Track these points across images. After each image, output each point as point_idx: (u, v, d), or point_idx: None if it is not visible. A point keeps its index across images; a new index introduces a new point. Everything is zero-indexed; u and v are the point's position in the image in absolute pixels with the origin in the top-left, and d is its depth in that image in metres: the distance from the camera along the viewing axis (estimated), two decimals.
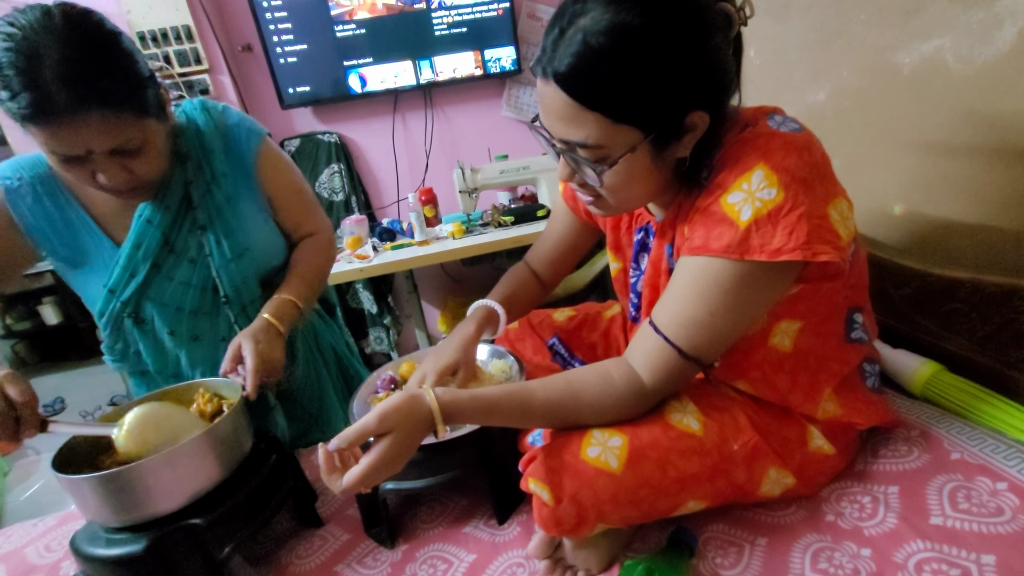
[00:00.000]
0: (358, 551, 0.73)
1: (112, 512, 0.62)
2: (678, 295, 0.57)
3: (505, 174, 1.81)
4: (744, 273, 0.53)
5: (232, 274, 0.88)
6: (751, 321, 0.58)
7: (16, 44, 0.62)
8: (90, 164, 0.70)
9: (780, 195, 0.50)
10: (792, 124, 0.55)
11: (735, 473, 0.59)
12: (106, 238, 0.84)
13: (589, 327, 0.96)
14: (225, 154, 0.87)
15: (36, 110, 0.62)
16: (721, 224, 0.53)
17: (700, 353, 0.57)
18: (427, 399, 0.56)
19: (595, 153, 0.54)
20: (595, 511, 0.55)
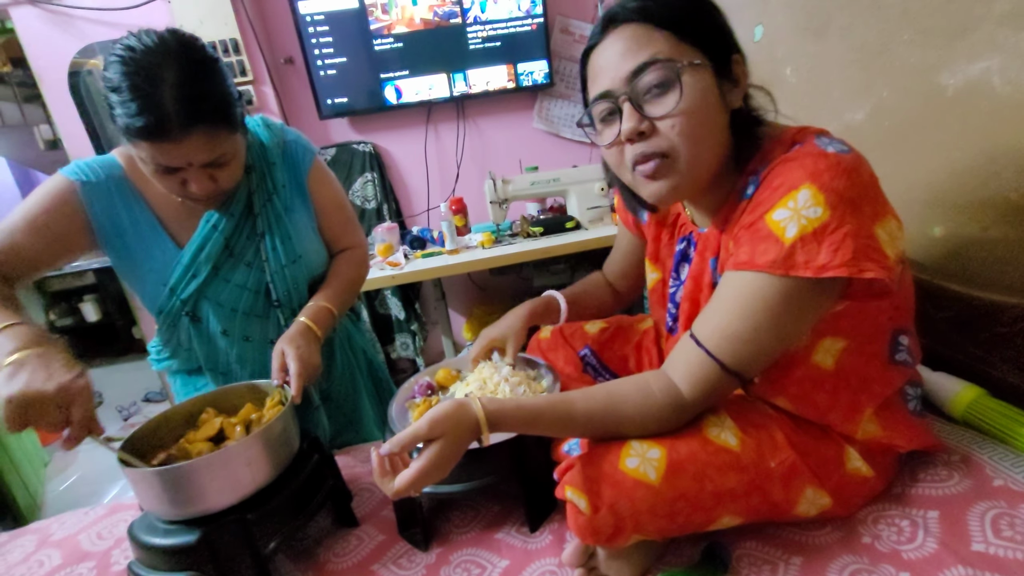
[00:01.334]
0: (393, 552, 0.75)
1: (169, 505, 0.65)
2: (722, 309, 0.58)
3: (535, 186, 1.83)
4: (789, 289, 0.54)
5: (284, 279, 0.93)
6: (794, 338, 0.59)
7: (136, 67, 0.68)
8: (182, 174, 0.76)
9: (826, 214, 0.51)
10: (840, 145, 0.56)
11: (771, 491, 0.59)
12: (169, 240, 0.89)
13: (622, 339, 0.97)
14: (283, 168, 0.94)
15: (153, 129, 0.69)
16: (766, 240, 0.54)
17: (742, 368, 0.58)
18: (474, 408, 0.59)
19: (668, 66, 0.56)
20: (632, 521, 0.56)
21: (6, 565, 0.86)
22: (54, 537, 0.90)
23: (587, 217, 1.88)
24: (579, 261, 2.08)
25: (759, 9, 1.29)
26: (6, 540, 0.93)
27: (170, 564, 0.65)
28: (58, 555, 0.86)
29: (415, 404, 0.83)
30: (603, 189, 1.85)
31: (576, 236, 1.84)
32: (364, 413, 1.07)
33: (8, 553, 0.89)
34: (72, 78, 2.04)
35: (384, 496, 0.86)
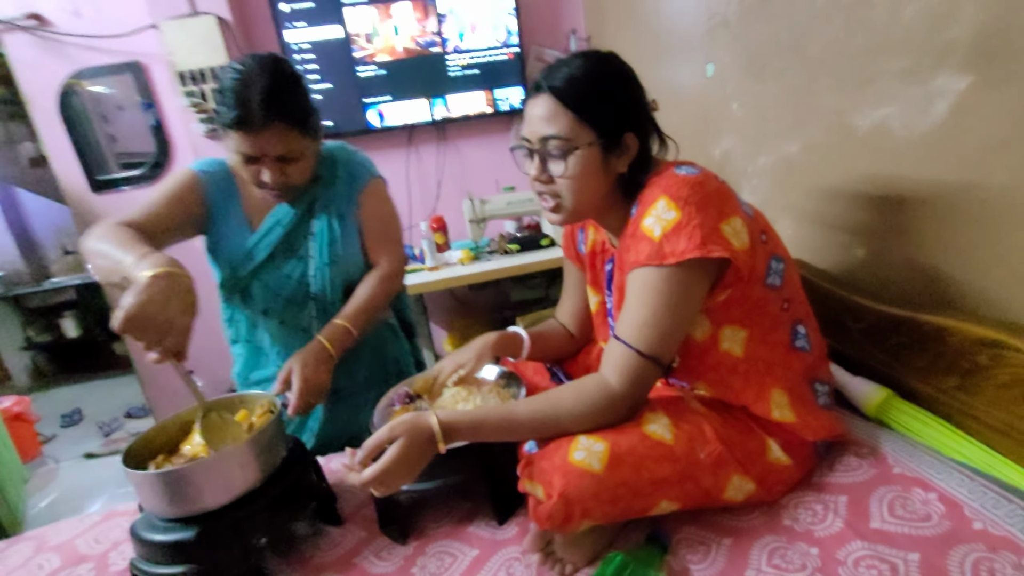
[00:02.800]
0: (374, 546, 0.82)
1: (169, 505, 0.72)
2: (628, 305, 0.72)
3: (512, 205, 1.93)
4: (667, 276, 0.68)
5: (323, 276, 1.07)
6: (688, 316, 0.71)
7: (240, 75, 0.89)
8: (260, 164, 0.93)
9: (678, 215, 0.68)
10: (692, 169, 0.73)
11: (702, 478, 0.69)
12: (246, 227, 1.07)
13: (585, 352, 1.07)
14: (344, 182, 1.10)
15: (240, 120, 0.88)
16: (643, 242, 0.70)
17: (655, 351, 0.69)
18: (430, 420, 0.68)
19: (564, 144, 0.72)
20: (580, 507, 0.65)
21: (6, 570, 0.91)
22: (51, 543, 0.96)
23: (561, 234, 1.98)
24: (554, 276, 2.18)
25: (710, 49, 1.42)
26: (3, 547, 0.98)
27: (169, 559, 0.72)
28: (57, 558, 0.91)
29: (395, 411, 0.91)
30: None
31: (551, 253, 1.94)
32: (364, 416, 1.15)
33: (7, 559, 0.94)
34: (63, 99, 2.09)
35: (366, 496, 0.94)
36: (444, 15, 2.14)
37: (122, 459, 0.73)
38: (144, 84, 2.11)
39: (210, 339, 1.18)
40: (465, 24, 2.17)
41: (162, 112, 2.16)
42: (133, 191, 2.23)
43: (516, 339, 0.97)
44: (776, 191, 1.22)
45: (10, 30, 1.99)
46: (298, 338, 1.08)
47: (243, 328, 1.12)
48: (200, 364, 2.41)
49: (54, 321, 3.85)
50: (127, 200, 2.22)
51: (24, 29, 1.99)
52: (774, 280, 0.75)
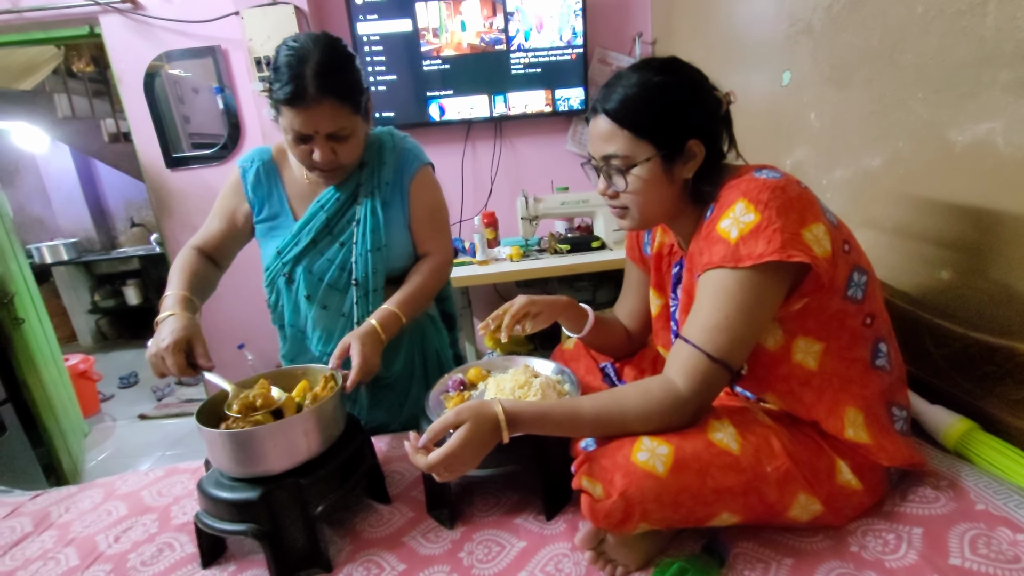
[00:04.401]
0: (422, 527, 0.84)
1: (235, 463, 0.75)
2: (699, 307, 0.70)
3: (565, 205, 1.93)
4: (742, 278, 0.66)
5: (366, 263, 1.07)
6: (760, 323, 0.69)
7: (294, 51, 0.90)
8: (311, 144, 0.95)
9: (758, 217, 0.66)
10: (773, 173, 0.70)
11: (767, 492, 0.66)
12: (291, 214, 1.09)
13: (639, 356, 1.05)
14: (392, 168, 1.09)
15: (294, 95, 0.88)
16: (718, 244, 0.68)
17: (724, 355, 0.67)
18: (495, 408, 0.68)
19: (623, 161, 0.74)
20: (640, 509, 0.64)
21: (78, 511, 0.97)
22: (119, 492, 1.02)
23: (612, 238, 1.97)
24: (602, 280, 2.16)
25: (789, 57, 1.38)
26: (76, 491, 1.05)
27: (233, 516, 0.75)
28: (124, 507, 0.96)
29: (449, 397, 0.92)
30: None
31: (601, 256, 1.92)
32: (416, 406, 1.18)
33: (79, 502, 1.00)
34: (147, 79, 2.22)
35: (413, 478, 0.95)
36: (512, 13, 2.15)
37: (196, 415, 0.77)
38: (221, 68, 2.21)
39: (262, 318, 1.22)
40: (531, 22, 2.18)
41: (236, 96, 2.26)
42: (201, 169, 2.34)
43: (582, 314, 0.98)
44: (853, 205, 1.16)
45: (107, 12, 2.13)
46: (339, 324, 1.09)
47: (287, 313, 1.13)
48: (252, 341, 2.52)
49: (118, 288, 4.09)
50: (196, 177, 2.34)
51: (120, 11, 2.13)
52: (855, 293, 0.72)
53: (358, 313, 1.08)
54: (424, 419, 0.88)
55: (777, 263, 0.65)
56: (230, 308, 2.43)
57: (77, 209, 4.03)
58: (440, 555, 0.77)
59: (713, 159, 0.75)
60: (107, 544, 0.87)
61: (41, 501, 1.02)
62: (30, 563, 0.85)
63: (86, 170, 4.03)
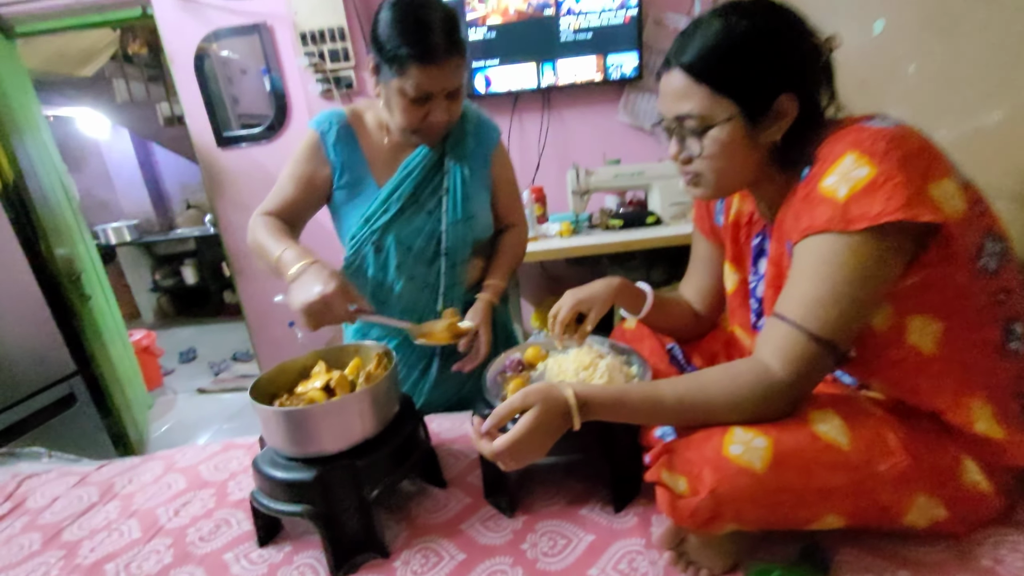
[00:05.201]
0: (480, 514, 0.79)
1: (291, 443, 0.72)
2: (798, 280, 0.60)
3: (619, 178, 1.82)
4: (852, 244, 0.56)
5: (456, 233, 1.06)
6: (875, 296, 0.58)
7: (410, 9, 0.86)
8: (428, 105, 0.92)
9: (873, 171, 0.55)
10: (887, 121, 0.59)
11: (881, 494, 0.57)
12: (373, 179, 1.05)
13: (711, 336, 0.96)
14: (474, 138, 1.08)
15: (425, 54, 0.85)
16: (822, 205, 0.58)
17: (831, 334, 0.57)
18: (565, 392, 0.62)
19: (698, 122, 0.65)
20: (732, 508, 0.56)
21: (140, 483, 0.98)
22: (178, 465, 1.02)
23: (669, 213, 1.85)
24: (656, 258, 2.05)
25: (882, 3, 1.22)
26: (139, 463, 1.06)
27: (287, 496, 0.72)
28: (183, 480, 0.97)
29: (508, 378, 0.86)
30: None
31: (656, 231, 1.81)
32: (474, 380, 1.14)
33: (141, 474, 1.01)
34: (197, 61, 2.24)
35: (469, 462, 0.91)
36: None
37: (249, 392, 0.74)
38: (267, 45, 2.20)
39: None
40: None
41: (283, 73, 2.25)
42: (250, 148, 2.36)
43: (640, 294, 0.90)
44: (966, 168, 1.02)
45: None
46: (424, 295, 1.07)
47: (368, 283, 1.09)
48: None
49: (177, 268, 4.27)
50: (244, 156, 2.36)
51: None
52: (988, 263, 0.60)
53: (444, 284, 1.07)
54: (481, 401, 0.82)
55: (898, 224, 0.54)
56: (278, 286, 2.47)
57: (137, 192, 4.21)
58: (501, 545, 0.72)
59: (808, 117, 0.64)
60: (167, 518, 0.87)
61: (106, 472, 1.05)
62: (96, 533, 0.86)
63: (144, 155, 4.18)
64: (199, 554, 0.78)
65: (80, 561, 0.80)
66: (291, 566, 0.74)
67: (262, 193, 1.03)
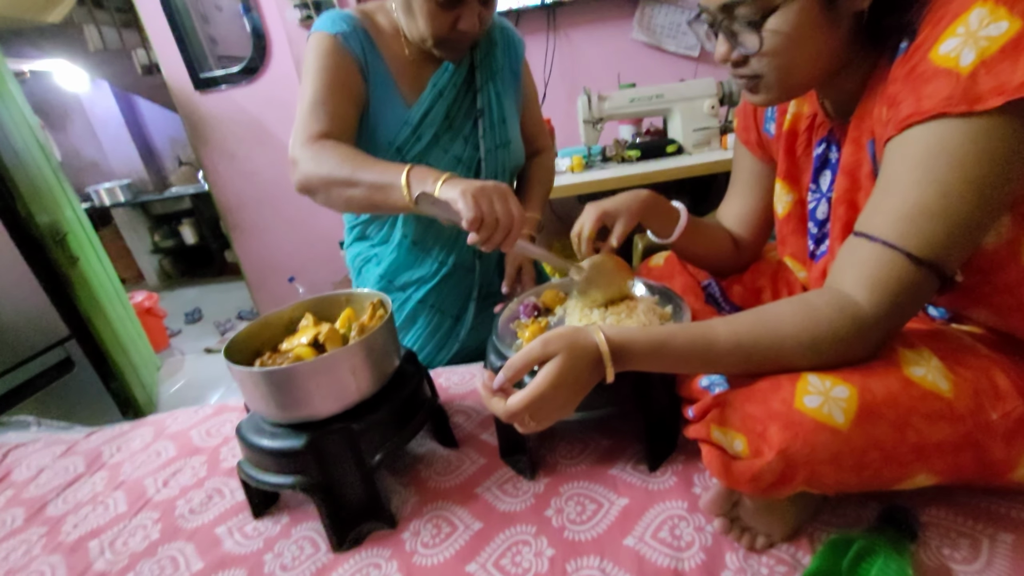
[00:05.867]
0: (497, 476, 0.70)
1: (275, 407, 0.62)
2: (893, 187, 0.47)
3: (635, 103, 1.64)
4: (977, 130, 0.43)
5: (496, 160, 0.95)
6: (997, 200, 0.45)
7: None
8: (459, 8, 0.80)
9: (1016, 24, 0.41)
10: None
11: (991, 447, 0.46)
12: (399, 97, 0.89)
13: (754, 270, 0.84)
14: (504, 50, 0.96)
15: None
16: (935, 79, 0.44)
17: (936, 254, 0.45)
18: (595, 337, 0.50)
19: (756, 7, 0.50)
20: (806, 470, 0.46)
21: (129, 451, 0.91)
22: (168, 431, 0.94)
23: (692, 140, 1.68)
24: (678, 191, 1.89)
25: None
26: (128, 429, 0.99)
27: (277, 467, 0.64)
28: (173, 447, 0.89)
29: (523, 324, 0.75)
30: (713, 107, 1.63)
31: (678, 161, 1.65)
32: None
33: (130, 441, 0.94)
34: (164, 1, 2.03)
35: (483, 419, 0.82)
36: None
37: (224, 352, 0.64)
38: None
39: (312, 248, 1.06)
40: None
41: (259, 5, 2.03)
42: (231, 90, 2.18)
43: (673, 212, 0.76)
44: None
45: None
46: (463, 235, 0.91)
47: (397, 224, 0.97)
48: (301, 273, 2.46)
49: (175, 228, 4.16)
50: (227, 99, 2.18)
51: None
52: None
53: None
54: (493, 351, 0.72)
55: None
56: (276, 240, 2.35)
57: (126, 150, 4.03)
58: (522, 512, 0.64)
59: None
60: (155, 489, 0.79)
61: (95, 439, 0.97)
62: (80, 507, 0.79)
63: (128, 109, 3.97)
64: (189, 528, 0.71)
65: (63, 538, 0.73)
66: (289, 539, 0.66)
67: (249, 140, 0.88)
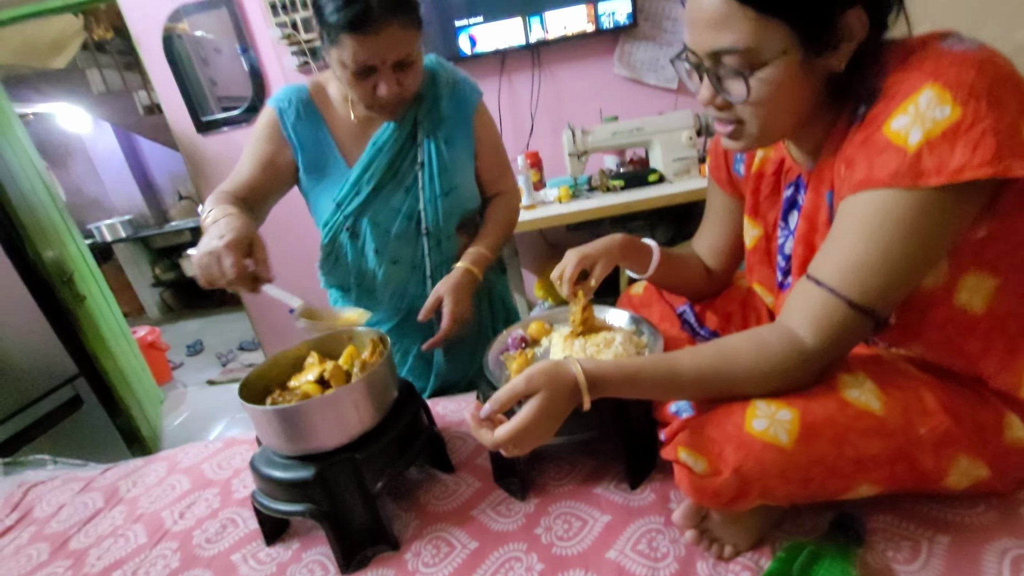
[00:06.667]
0: (490, 499, 0.76)
1: (286, 441, 0.68)
2: (842, 240, 0.52)
3: (617, 136, 1.73)
4: (919, 203, 0.48)
5: (436, 209, 0.99)
6: (932, 260, 0.52)
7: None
8: (374, 77, 0.84)
9: (957, 112, 0.45)
10: (969, 43, 0.48)
11: (921, 458, 0.53)
12: (341, 159, 0.97)
13: (725, 296, 0.91)
14: (450, 102, 0.98)
15: (357, 20, 0.77)
16: (886, 152, 0.49)
17: (873, 303, 0.51)
18: (573, 369, 0.56)
19: (743, 59, 0.53)
20: (759, 486, 0.52)
21: (145, 486, 0.96)
22: (181, 465, 1.00)
23: (672, 169, 1.76)
24: (660, 217, 1.98)
25: None
26: (142, 464, 1.04)
27: (288, 496, 0.69)
28: (187, 481, 0.94)
29: (511, 356, 0.82)
30: (691, 138, 1.72)
31: (660, 190, 1.73)
32: (480, 357, 1.10)
33: (145, 476, 0.99)
34: (166, 43, 2.13)
35: (477, 445, 0.88)
36: None
37: (238, 392, 0.70)
38: (238, 19, 2.08)
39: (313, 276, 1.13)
40: None
41: (256, 47, 2.14)
42: (232, 132, 2.27)
43: (645, 249, 0.83)
44: None
45: None
46: (413, 278, 1.01)
47: (350, 272, 1.04)
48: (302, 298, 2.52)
49: (176, 260, 4.23)
50: (228, 141, 2.27)
51: None
52: None
53: (430, 264, 1.00)
54: (484, 382, 0.78)
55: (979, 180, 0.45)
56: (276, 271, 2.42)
57: (127, 187, 4.12)
58: (514, 531, 0.69)
59: (875, 38, 0.52)
60: (172, 520, 0.85)
61: (111, 475, 1.03)
62: (102, 540, 0.84)
63: (129, 147, 4.08)
64: (206, 556, 0.76)
65: (88, 570, 0.78)
66: (300, 563, 0.71)
67: None
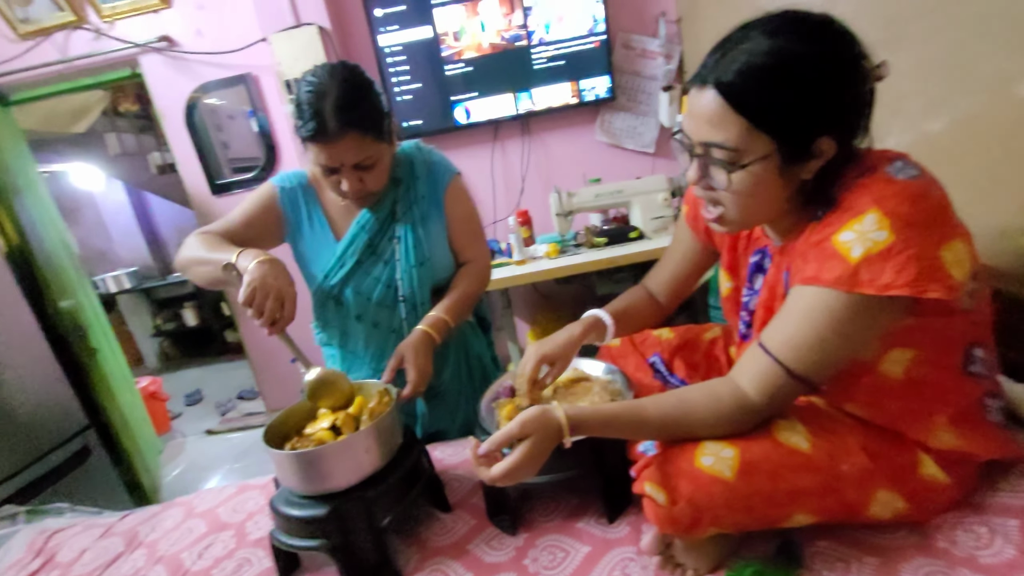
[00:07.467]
0: (485, 535, 0.84)
1: (304, 482, 0.78)
2: (788, 320, 0.63)
3: (600, 197, 1.90)
4: (854, 304, 0.58)
5: (411, 278, 1.10)
6: (860, 350, 0.63)
7: (313, 88, 0.91)
8: (339, 175, 0.96)
9: (891, 237, 0.55)
10: (911, 171, 0.59)
11: (845, 492, 0.63)
12: (332, 235, 1.10)
13: (690, 348, 1.02)
14: (426, 182, 1.11)
15: (316, 133, 0.90)
16: (832, 259, 0.59)
17: (808, 374, 0.62)
18: (557, 414, 0.67)
19: (730, 155, 0.61)
20: (710, 514, 0.62)
21: (163, 530, 1.03)
22: (197, 510, 1.07)
23: (651, 227, 1.92)
24: (643, 270, 2.11)
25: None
26: (159, 511, 1.11)
27: (304, 532, 0.78)
28: (203, 524, 1.02)
29: (501, 404, 0.92)
30: (666, 199, 1.89)
31: (640, 246, 1.88)
32: (469, 411, 1.20)
33: (163, 521, 1.06)
34: (188, 111, 2.33)
35: (472, 485, 0.96)
36: (530, 8, 2.13)
37: (263, 437, 0.80)
38: (254, 93, 2.29)
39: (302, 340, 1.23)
40: (551, 15, 2.14)
41: (271, 119, 2.33)
42: (244, 193, 2.43)
43: (599, 324, 0.93)
44: None
45: (146, 52, 2.23)
46: (391, 340, 1.10)
47: (336, 333, 1.15)
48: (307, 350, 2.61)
49: (177, 311, 4.32)
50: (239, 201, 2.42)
51: (157, 50, 2.23)
52: (967, 302, 0.62)
53: (407, 328, 1.10)
54: (479, 429, 0.88)
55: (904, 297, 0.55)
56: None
57: (134, 240, 4.28)
58: (506, 563, 0.78)
59: (841, 158, 0.61)
60: (192, 561, 0.92)
61: (129, 521, 1.09)
62: None
63: (139, 203, 4.26)
64: None
65: None
66: None
67: None
